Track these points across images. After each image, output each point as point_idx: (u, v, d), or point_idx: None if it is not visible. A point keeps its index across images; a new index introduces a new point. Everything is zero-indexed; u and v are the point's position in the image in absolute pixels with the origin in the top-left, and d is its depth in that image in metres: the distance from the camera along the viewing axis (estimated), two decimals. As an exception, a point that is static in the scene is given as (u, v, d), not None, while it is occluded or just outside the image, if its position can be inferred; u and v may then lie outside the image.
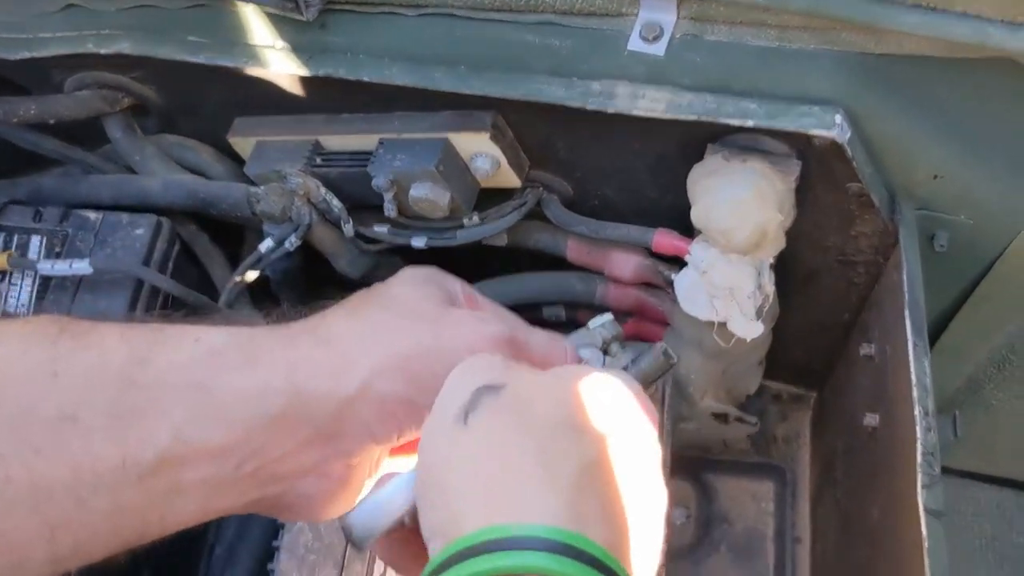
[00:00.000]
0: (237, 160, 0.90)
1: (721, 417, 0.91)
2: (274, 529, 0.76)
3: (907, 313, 0.66)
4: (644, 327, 0.90)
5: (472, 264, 0.87)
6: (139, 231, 0.84)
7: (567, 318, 0.93)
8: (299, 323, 0.48)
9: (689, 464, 1.02)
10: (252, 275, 0.87)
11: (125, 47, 0.79)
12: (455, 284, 0.54)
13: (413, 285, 0.51)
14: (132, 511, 0.42)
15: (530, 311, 0.91)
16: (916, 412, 0.63)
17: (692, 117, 0.67)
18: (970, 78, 0.65)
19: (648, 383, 0.63)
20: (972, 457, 0.97)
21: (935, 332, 0.83)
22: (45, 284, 0.81)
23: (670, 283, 0.82)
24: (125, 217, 0.84)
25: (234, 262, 0.95)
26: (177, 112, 0.89)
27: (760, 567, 1.00)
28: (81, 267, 0.79)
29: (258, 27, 0.77)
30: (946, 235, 0.72)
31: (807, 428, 1.05)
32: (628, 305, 0.87)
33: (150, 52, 0.78)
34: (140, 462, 0.41)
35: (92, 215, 0.85)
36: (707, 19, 0.67)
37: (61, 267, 0.79)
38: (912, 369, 0.64)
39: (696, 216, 0.72)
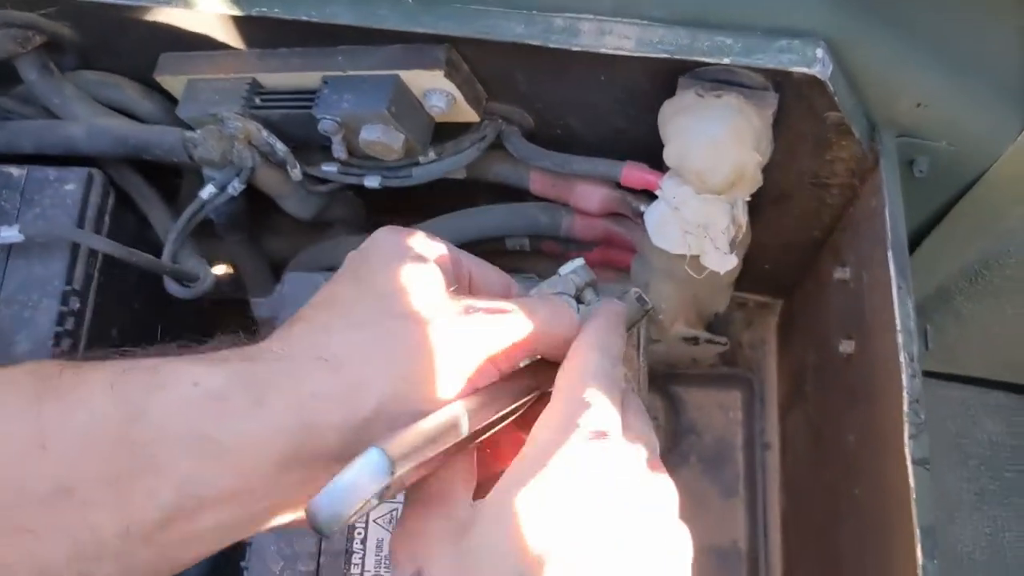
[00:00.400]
0: (166, 94, 0.83)
1: (691, 340, 0.90)
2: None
3: (890, 255, 0.64)
4: (611, 254, 0.87)
5: (429, 197, 0.83)
6: (69, 187, 0.77)
7: (531, 247, 0.89)
8: (299, 342, 0.44)
9: (656, 378, 1.02)
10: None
11: (28, -14, 0.71)
12: (443, 252, 0.49)
13: (407, 272, 0.46)
14: (142, 567, 0.40)
15: (493, 242, 0.88)
16: (902, 359, 0.61)
17: (664, 55, 0.62)
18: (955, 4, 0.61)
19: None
20: (939, 361, 0.98)
21: (908, 246, 0.82)
22: (-28, 251, 0.75)
23: (639, 214, 0.78)
24: (52, 172, 0.77)
25: (172, 197, 0.89)
26: (96, 49, 0.81)
27: (730, 476, 1.01)
28: (11, 235, 0.72)
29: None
30: (927, 160, 0.69)
31: (773, 335, 1.05)
32: (595, 236, 0.83)
33: (61, -9, 0.71)
34: (145, 523, 0.39)
35: (15, 171, 0.78)
36: (677, -58, 0.62)
37: (-12, 235, 0.73)
38: (897, 314, 0.63)
39: (669, 156, 0.68)
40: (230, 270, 0.99)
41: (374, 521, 0.69)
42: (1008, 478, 1.00)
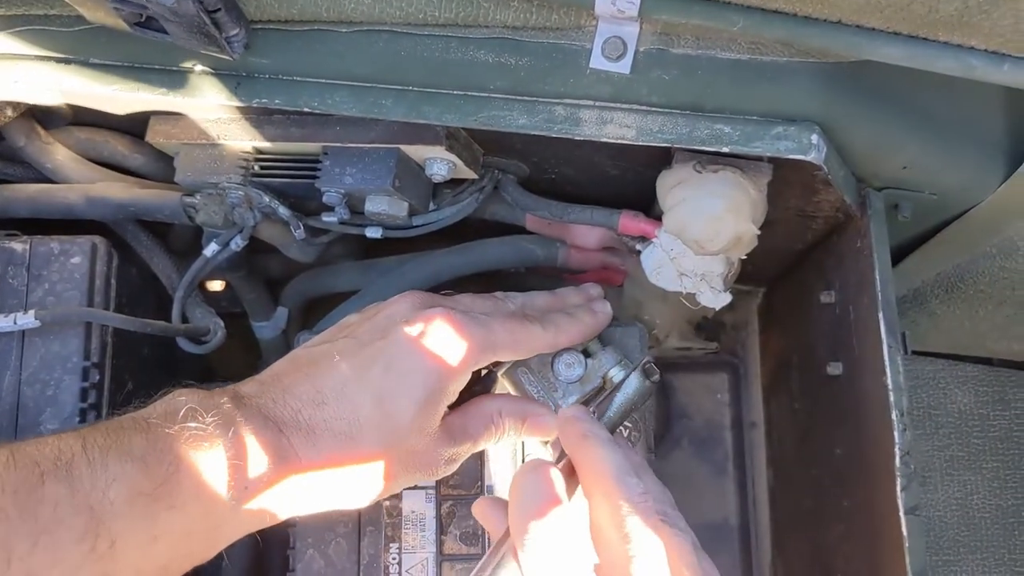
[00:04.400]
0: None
1: (684, 349, 0.94)
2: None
3: (881, 316, 0.67)
4: (604, 275, 0.90)
5: (425, 234, 0.85)
6: (75, 260, 0.78)
7: (526, 270, 0.92)
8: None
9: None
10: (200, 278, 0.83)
11: (20, 78, 0.70)
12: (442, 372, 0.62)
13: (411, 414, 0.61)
14: None
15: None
16: (893, 416, 0.66)
17: (665, 144, 0.64)
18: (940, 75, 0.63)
19: (635, 411, 0.65)
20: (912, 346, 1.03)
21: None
22: (-16, 334, 0.76)
23: (635, 251, 0.81)
24: (56, 245, 0.78)
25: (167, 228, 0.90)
26: (83, 110, 0.80)
27: (720, 455, 1.07)
28: (27, 321, 0.74)
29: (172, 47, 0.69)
30: (910, 207, 0.73)
31: (755, 316, 1.09)
32: (590, 266, 0.86)
33: (53, 85, 0.70)
34: None
35: (18, 246, 0.78)
36: (673, 31, 0.63)
37: (4, 323, 0.74)
38: (887, 372, 0.67)
39: (668, 224, 0.71)
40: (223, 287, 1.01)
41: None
42: (976, 445, 1.07)
